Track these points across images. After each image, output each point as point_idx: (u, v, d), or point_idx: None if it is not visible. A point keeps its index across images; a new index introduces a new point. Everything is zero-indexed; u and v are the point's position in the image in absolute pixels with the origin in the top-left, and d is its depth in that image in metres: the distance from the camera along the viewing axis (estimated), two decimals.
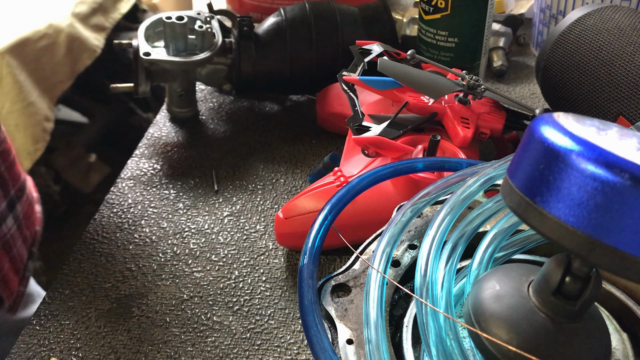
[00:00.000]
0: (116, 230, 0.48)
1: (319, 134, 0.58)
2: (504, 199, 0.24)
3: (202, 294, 0.42)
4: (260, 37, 0.58)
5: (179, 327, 0.40)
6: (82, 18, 1.25)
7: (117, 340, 0.39)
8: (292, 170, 0.54)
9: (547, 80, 0.51)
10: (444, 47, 0.58)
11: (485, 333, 0.26)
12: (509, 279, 0.27)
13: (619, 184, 0.20)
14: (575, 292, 0.25)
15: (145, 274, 0.44)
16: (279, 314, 0.41)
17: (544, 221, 0.22)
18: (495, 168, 0.35)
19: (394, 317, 0.32)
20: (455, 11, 0.55)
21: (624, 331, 0.30)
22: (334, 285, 0.32)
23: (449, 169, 0.40)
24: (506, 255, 0.33)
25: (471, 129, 0.44)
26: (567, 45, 0.49)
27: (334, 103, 0.55)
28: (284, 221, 0.43)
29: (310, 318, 0.29)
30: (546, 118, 0.23)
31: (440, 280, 0.29)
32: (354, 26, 0.58)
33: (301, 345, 0.39)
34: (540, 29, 0.67)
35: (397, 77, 0.46)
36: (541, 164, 0.22)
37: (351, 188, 0.37)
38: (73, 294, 0.43)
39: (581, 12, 0.50)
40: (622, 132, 0.25)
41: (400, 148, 0.43)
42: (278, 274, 0.44)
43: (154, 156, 0.56)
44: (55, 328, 0.40)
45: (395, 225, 0.33)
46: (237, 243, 0.46)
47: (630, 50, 0.45)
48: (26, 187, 0.62)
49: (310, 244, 0.33)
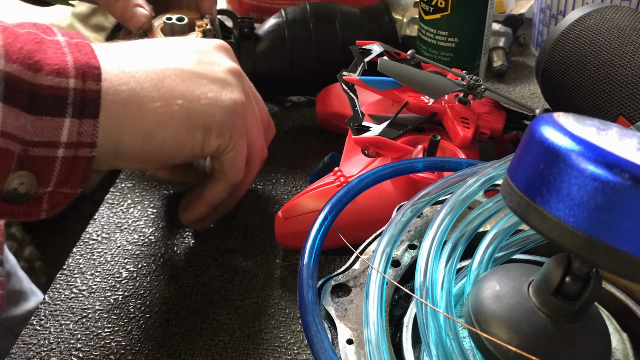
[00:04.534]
0: (116, 230, 0.48)
1: (319, 134, 0.58)
2: (504, 199, 0.24)
3: (201, 294, 0.42)
4: (260, 38, 0.58)
5: (179, 327, 0.40)
6: (82, 18, 1.25)
7: (117, 341, 0.39)
8: (292, 170, 0.53)
9: (547, 80, 0.51)
10: (444, 47, 0.58)
11: (485, 333, 0.26)
12: (509, 279, 0.27)
13: (619, 184, 0.20)
14: (575, 292, 0.25)
15: (145, 274, 0.44)
16: (279, 313, 0.41)
17: (544, 221, 0.22)
18: (495, 168, 0.35)
19: (394, 317, 0.32)
20: (455, 11, 0.55)
21: (624, 331, 0.30)
22: (334, 285, 0.32)
23: (449, 169, 0.40)
24: (506, 255, 0.33)
25: (471, 129, 0.44)
26: (567, 45, 0.49)
27: (334, 103, 0.55)
28: (284, 221, 0.43)
29: (310, 318, 0.29)
30: (546, 118, 0.23)
31: (440, 280, 0.29)
32: (354, 27, 0.58)
33: (301, 345, 0.39)
34: (540, 29, 0.67)
35: (397, 77, 0.46)
36: (541, 164, 0.22)
37: (351, 188, 0.37)
38: (73, 294, 0.43)
39: (581, 12, 0.50)
40: (622, 132, 0.25)
41: (400, 148, 0.43)
42: (278, 273, 0.44)
43: None
44: (55, 328, 0.40)
45: (395, 225, 0.33)
46: (237, 243, 0.46)
47: (630, 50, 0.45)
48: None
49: (310, 244, 0.33)
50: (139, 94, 0.36)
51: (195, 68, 0.40)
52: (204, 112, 0.39)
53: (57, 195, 0.34)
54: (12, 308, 0.69)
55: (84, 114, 0.33)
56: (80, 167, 0.34)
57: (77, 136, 0.33)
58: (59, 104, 0.32)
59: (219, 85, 0.40)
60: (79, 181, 0.34)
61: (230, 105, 0.40)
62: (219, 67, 0.41)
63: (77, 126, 0.33)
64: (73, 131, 0.33)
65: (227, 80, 0.41)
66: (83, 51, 0.34)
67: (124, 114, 0.36)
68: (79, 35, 0.36)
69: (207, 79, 0.40)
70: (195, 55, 0.41)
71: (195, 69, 0.40)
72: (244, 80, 0.44)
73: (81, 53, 0.34)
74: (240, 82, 0.43)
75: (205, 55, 0.42)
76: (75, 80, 0.33)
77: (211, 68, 0.41)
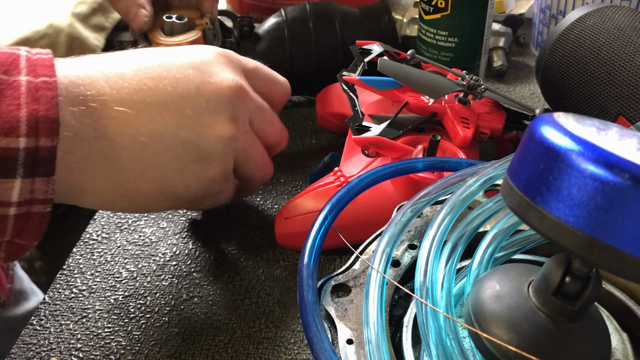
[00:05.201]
0: (116, 230, 0.48)
1: (319, 134, 0.58)
2: (504, 199, 0.24)
3: (201, 294, 0.42)
4: (260, 37, 0.58)
5: (179, 327, 0.40)
6: (82, 18, 1.25)
7: (117, 341, 0.39)
8: (292, 170, 0.53)
9: (547, 80, 0.51)
10: (444, 47, 0.58)
11: (485, 333, 0.26)
12: (509, 279, 0.27)
13: (619, 184, 0.20)
14: (575, 292, 0.25)
15: (145, 274, 0.44)
16: (279, 313, 0.41)
17: (544, 221, 0.22)
18: (495, 168, 0.35)
19: (394, 317, 0.32)
20: (455, 11, 0.55)
21: (624, 331, 0.30)
22: (334, 285, 0.32)
23: (449, 169, 0.40)
24: (506, 255, 0.33)
25: (471, 129, 0.44)
26: (567, 45, 0.49)
27: (334, 103, 0.55)
28: (284, 221, 0.43)
29: (310, 318, 0.29)
30: (546, 118, 0.23)
31: (440, 280, 0.29)
32: (354, 26, 0.58)
33: (301, 345, 0.39)
34: (540, 29, 0.67)
35: (397, 77, 0.46)
36: (541, 164, 0.22)
37: (351, 188, 0.37)
38: (73, 294, 0.43)
39: (581, 12, 0.50)
40: (622, 132, 0.25)
41: (400, 148, 0.43)
42: (278, 273, 0.44)
43: None
44: (55, 328, 0.40)
45: (395, 225, 0.33)
46: (237, 243, 0.46)
47: (630, 50, 0.45)
48: None
49: (310, 244, 0.33)
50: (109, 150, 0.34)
51: (182, 136, 0.36)
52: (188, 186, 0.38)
53: (13, 246, 0.33)
54: (13, 307, 0.70)
55: (36, 173, 0.31)
56: (34, 223, 0.32)
57: (29, 194, 0.31)
58: (8, 166, 0.30)
59: (202, 165, 0.37)
60: (34, 234, 0.33)
61: (218, 173, 0.38)
62: (210, 133, 0.37)
63: (29, 185, 0.31)
64: (25, 190, 0.31)
65: (214, 153, 0.38)
66: (43, 97, 0.31)
67: (90, 166, 0.34)
68: (47, 64, 0.33)
69: (191, 159, 0.37)
70: (184, 108, 0.36)
71: (180, 141, 0.36)
72: (245, 108, 0.39)
73: (40, 101, 0.31)
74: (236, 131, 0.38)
75: (197, 100, 0.37)
76: (26, 139, 0.30)
77: (200, 134, 0.37)
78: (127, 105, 0.35)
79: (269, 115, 0.42)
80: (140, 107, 0.35)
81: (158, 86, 0.36)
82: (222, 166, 0.38)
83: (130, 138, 0.35)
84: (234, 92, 0.38)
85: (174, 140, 0.36)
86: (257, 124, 0.41)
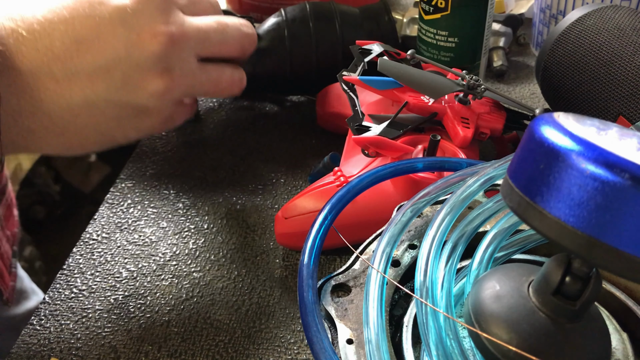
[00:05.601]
0: (116, 230, 0.48)
1: (319, 134, 0.58)
2: (504, 199, 0.24)
3: (201, 294, 0.42)
4: (260, 37, 0.58)
5: (179, 327, 0.40)
6: None
7: (117, 340, 0.39)
8: (292, 170, 0.54)
9: (547, 80, 0.51)
10: (444, 47, 0.58)
11: (485, 333, 0.26)
12: (509, 279, 0.27)
13: (619, 184, 0.20)
14: (575, 292, 0.25)
15: (145, 274, 0.44)
16: (279, 313, 0.41)
17: (544, 221, 0.22)
18: (495, 168, 0.35)
19: (394, 317, 0.32)
20: (455, 11, 0.55)
21: (624, 331, 0.30)
22: (334, 285, 0.32)
23: (449, 169, 0.40)
24: (506, 255, 0.33)
25: (471, 129, 0.44)
26: (567, 45, 0.49)
27: (334, 103, 0.55)
28: (284, 221, 0.43)
29: (310, 318, 0.29)
30: (546, 118, 0.23)
31: (440, 280, 0.29)
32: (354, 26, 0.58)
33: (301, 345, 0.39)
34: (540, 29, 0.67)
35: (397, 77, 0.46)
36: (541, 164, 0.22)
37: (351, 188, 0.37)
38: (73, 294, 0.43)
39: (581, 12, 0.50)
40: (622, 132, 0.25)
41: (400, 148, 0.43)
42: (278, 273, 0.44)
43: (153, 156, 0.56)
44: (55, 328, 0.40)
45: (395, 225, 0.33)
46: (237, 243, 0.46)
47: (630, 50, 0.45)
48: (7, 189, 0.62)
49: (310, 244, 0.33)
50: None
51: (113, 98, 0.37)
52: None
53: None
54: (13, 307, 0.70)
55: None
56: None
57: None
58: None
59: (140, 118, 0.39)
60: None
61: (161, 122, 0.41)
62: (142, 92, 0.38)
63: None
64: None
65: (149, 107, 0.39)
66: None
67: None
68: None
69: (127, 115, 0.39)
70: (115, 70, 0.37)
71: (111, 103, 0.37)
72: (179, 54, 0.39)
73: None
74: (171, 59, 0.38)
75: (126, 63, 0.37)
76: None
77: (132, 94, 0.38)
78: (58, 77, 0.36)
79: (219, 35, 0.42)
80: (71, 77, 0.36)
81: (86, 54, 0.36)
82: (160, 116, 0.40)
83: (65, 109, 0.36)
84: (163, 45, 0.37)
85: (107, 104, 0.37)
86: (208, 48, 0.42)
